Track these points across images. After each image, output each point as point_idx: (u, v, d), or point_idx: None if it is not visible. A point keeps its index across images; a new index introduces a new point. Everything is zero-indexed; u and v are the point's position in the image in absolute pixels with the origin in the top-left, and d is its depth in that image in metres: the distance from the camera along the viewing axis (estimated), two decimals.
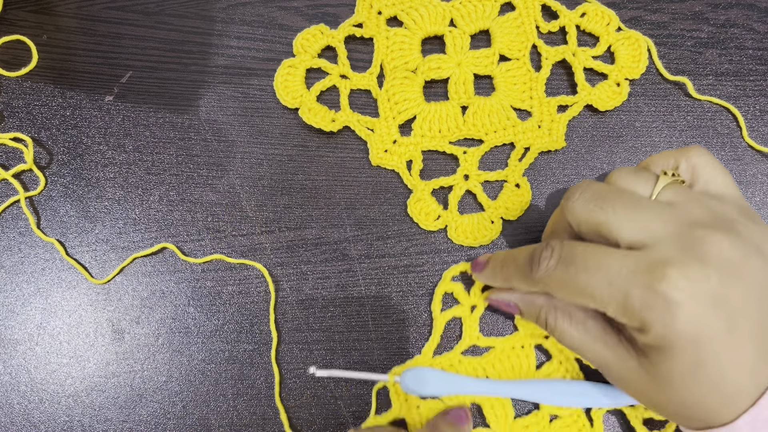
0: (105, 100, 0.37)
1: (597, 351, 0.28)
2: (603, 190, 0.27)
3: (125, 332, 0.35)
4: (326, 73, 0.37)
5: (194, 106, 0.37)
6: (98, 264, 0.36)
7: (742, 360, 0.24)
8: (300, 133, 0.37)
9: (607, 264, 0.25)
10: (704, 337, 0.24)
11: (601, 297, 0.25)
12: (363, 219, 0.36)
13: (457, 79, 0.36)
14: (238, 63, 0.37)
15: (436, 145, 0.36)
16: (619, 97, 0.36)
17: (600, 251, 0.26)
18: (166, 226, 0.36)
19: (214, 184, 0.36)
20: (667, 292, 0.23)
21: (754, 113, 0.37)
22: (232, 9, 0.38)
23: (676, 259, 0.24)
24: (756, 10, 0.38)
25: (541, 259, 0.27)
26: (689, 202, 0.26)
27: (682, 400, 0.25)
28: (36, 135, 0.37)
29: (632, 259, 0.25)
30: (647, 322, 0.24)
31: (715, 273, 0.24)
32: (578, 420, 0.33)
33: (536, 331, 0.34)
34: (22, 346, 0.35)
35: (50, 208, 0.36)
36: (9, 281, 0.35)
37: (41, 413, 0.34)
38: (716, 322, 0.24)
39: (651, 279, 0.24)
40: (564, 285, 0.26)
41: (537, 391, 0.32)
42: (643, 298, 0.24)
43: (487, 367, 0.34)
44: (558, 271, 0.26)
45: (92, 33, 0.38)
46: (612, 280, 0.25)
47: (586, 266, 0.26)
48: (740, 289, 0.24)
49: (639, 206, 0.26)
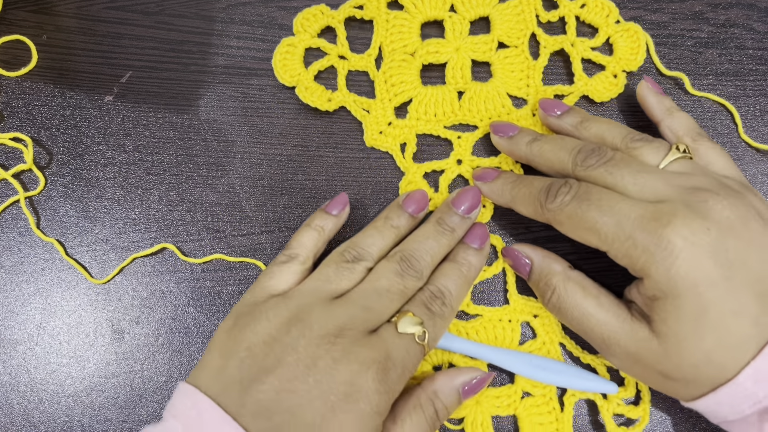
0: (105, 100, 0.37)
1: (608, 323, 0.28)
2: (615, 157, 0.29)
3: (125, 332, 0.35)
4: (325, 53, 0.37)
5: (194, 106, 0.37)
6: (98, 264, 0.36)
7: (743, 309, 0.25)
8: (300, 133, 0.37)
9: (618, 207, 0.27)
10: (703, 282, 0.25)
11: (606, 235, 0.27)
12: (363, 219, 0.36)
13: (455, 64, 0.36)
14: (238, 63, 0.37)
15: (431, 128, 0.36)
16: (615, 88, 0.36)
17: (614, 195, 0.28)
18: (166, 226, 0.36)
19: (214, 184, 0.36)
20: (670, 238, 0.25)
21: (754, 113, 0.37)
22: (232, 9, 0.38)
23: (680, 213, 0.26)
24: (756, 10, 0.38)
25: (558, 192, 0.29)
26: (695, 172, 0.29)
27: (692, 360, 0.26)
28: (36, 135, 0.37)
29: (642, 206, 0.27)
30: (648, 265, 0.26)
31: (715, 227, 0.26)
32: (550, 402, 0.33)
33: (526, 309, 0.34)
34: (21, 346, 0.35)
35: (50, 208, 0.36)
36: (9, 281, 0.35)
37: (41, 413, 0.34)
38: (714, 270, 0.25)
39: (656, 225, 0.26)
40: (573, 219, 0.28)
41: (514, 361, 0.33)
42: (647, 242, 0.26)
43: (470, 333, 0.34)
44: (571, 206, 0.28)
45: (92, 33, 0.38)
46: (620, 222, 0.27)
47: (599, 205, 0.28)
48: (739, 245, 0.26)
49: (645, 172, 0.28)
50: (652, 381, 0.29)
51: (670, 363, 0.27)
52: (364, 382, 0.26)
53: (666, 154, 0.30)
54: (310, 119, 0.37)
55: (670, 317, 0.26)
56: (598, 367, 0.33)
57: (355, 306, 0.28)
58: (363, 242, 0.31)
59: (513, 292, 0.34)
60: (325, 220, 0.33)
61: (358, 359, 0.26)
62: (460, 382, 0.31)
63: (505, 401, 0.33)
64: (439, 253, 0.31)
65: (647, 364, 0.28)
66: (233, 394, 0.26)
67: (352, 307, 0.28)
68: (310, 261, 0.32)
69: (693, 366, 0.26)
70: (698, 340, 0.26)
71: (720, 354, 0.26)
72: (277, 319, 0.28)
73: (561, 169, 0.31)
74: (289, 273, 0.31)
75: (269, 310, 0.28)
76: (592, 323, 0.29)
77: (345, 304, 0.28)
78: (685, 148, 0.30)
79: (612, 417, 0.33)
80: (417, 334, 0.28)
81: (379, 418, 0.26)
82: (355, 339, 0.27)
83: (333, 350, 0.26)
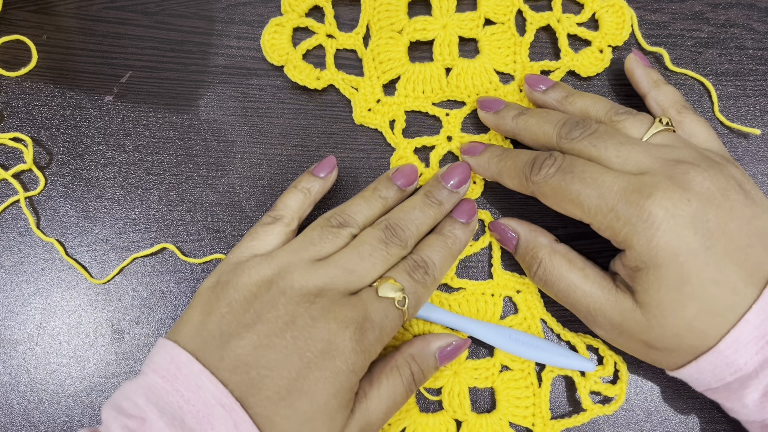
0: (105, 100, 0.37)
1: (593, 294, 0.29)
2: (599, 129, 0.30)
3: (125, 332, 0.35)
4: (313, 32, 0.37)
5: (194, 106, 0.37)
6: (98, 264, 0.36)
7: (723, 278, 0.26)
8: (300, 133, 0.37)
9: (601, 179, 0.28)
10: (683, 252, 0.26)
11: (589, 207, 0.28)
12: None
13: (442, 41, 0.36)
14: (238, 63, 0.37)
15: (420, 105, 0.36)
16: (601, 63, 0.37)
17: (597, 168, 0.28)
18: (166, 226, 0.36)
19: (214, 184, 0.36)
20: (651, 209, 0.26)
21: (754, 113, 0.37)
22: (232, 9, 0.38)
23: (662, 184, 0.27)
24: (756, 10, 0.38)
25: (543, 165, 0.30)
26: (677, 145, 0.29)
27: (675, 329, 0.27)
28: (36, 135, 0.37)
29: (624, 179, 0.27)
30: (630, 237, 0.27)
31: (696, 198, 0.26)
32: (528, 377, 0.33)
33: (509, 284, 0.34)
34: (22, 346, 0.35)
35: (50, 208, 0.36)
36: (9, 281, 0.35)
37: (41, 413, 0.34)
38: (694, 240, 0.26)
39: (638, 197, 0.26)
40: (557, 192, 0.29)
41: (494, 335, 0.33)
42: (629, 214, 0.27)
43: (453, 305, 0.34)
44: (555, 179, 0.29)
45: (92, 33, 0.38)
46: (603, 194, 0.27)
47: (582, 177, 0.28)
48: (719, 216, 0.26)
49: (628, 144, 0.29)
50: (637, 351, 0.29)
51: (654, 332, 0.27)
52: (341, 340, 0.26)
53: (649, 127, 0.30)
54: (310, 119, 0.37)
55: (652, 287, 0.27)
56: (578, 344, 0.34)
57: (337, 268, 0.28)
58: (349, 209, 0.31)
59: (497, 267, 0.35)
60: (311, 182, 0.33)
61: (336, 318, 0.27)
62: (437, 347, 0.31)
63: (484, 374, 0.33)
64: (425, 225, 0.31)
65: (632, 335, 0.28)
66: (212, 348, 0.26)
67: (334, 269, 0.28)
68: (295, 223, 0.32)
69: (675, 335, 0.27)
70: (680, 308, 0.26)
71: (701, 322, 0.26)
72: (258, 277, 0.28)
73: (546, 142, 0.31)
74: (273, 234, 0.31)
75: (251, 268, 0.28)
76: (578, 295, 0.29)
77: (327, 266, 0.28)
78: (668, 120, 0.30)
79: (589, 394, 0.33)
80: (397, 299, 0.28)
81: (355, 377, 0.27)
82: (334, 299, 0.27)
83: (312, 309, 0.27)
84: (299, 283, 0.28)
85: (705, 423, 0.34)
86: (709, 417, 0.34)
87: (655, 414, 0.34)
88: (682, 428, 0.34)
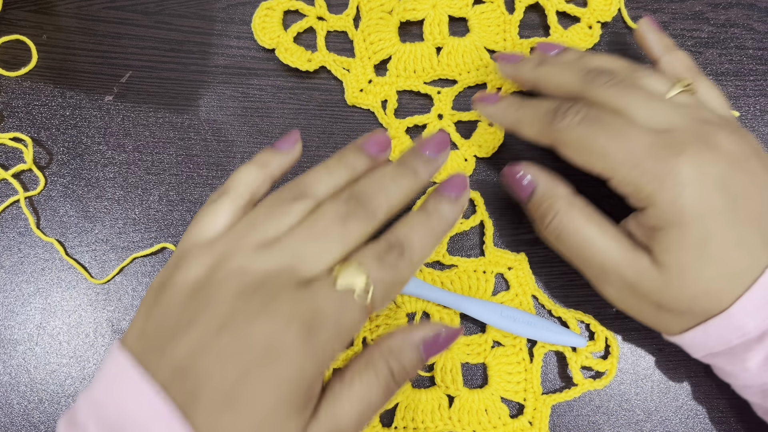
0: (105, 100, 0.37)
1: (610, 250, 0.28)
2: (627, 79, 0.29)
3: (125, 332, 0.35)
4: (303, 15, 0.37)
5: (194, 106, 0.37)
6: (98, 264, 0.36)
7: (745, 241, 0.26)
8: (300, 133, 0.37)
9: (628, 133, 0.27)
10: (709, 212, 0.25)
11: (614, 161, 0.27)
12: None
13: (432, 20, 0.37)
14: (238, 63, 0.37)
15: (411, 85, 0.37)
16: (590, 39, 0.37)
17: (625, 121, 0.27)
18: (166, 226, 0.36)
19: (214, 184, 0.36)
20: (681, 168, 0.25)
21: (754, 113, 0.37)
22: (232, 9, 0.38)
23: (691, 143, 0.26)
24: (756, 10, 0.38)
25: (567, 113, 0.28)
26: (699, 106, 0.29)
27: (692, 291, 0.26)
28: (36, 135, 0.37)
29: (653, 135, 0.26)
30: (655, 194, 0.26)
31: (723, 160, 0.26)
32: (519, 353, 0.34)
33: (501, 261, 0.35)
34: (22, 346, 0.35)
35: (50, 208, 0.36)
36: (9, 281, 0.35)
37: (41, 413, 0.34)
38: (721, 201, 0.25)
39: (666, 154, 0.26)
40: (580, 142, 0.28)
41: (486, 311, 0.33)
42: (656, 171, 0.26)
43: (445, 282, 0.34)
44: (580, 128, 0.28)
45: (92, 33, 0.38)
46: (629, 148, 0.26)
47: (609, 129, 0.27)
48: (743, 179, 0.26)
49: (656, 99, 0.28)
50: (644, 313, 0.29)
51: (669, 294, 0.27)
52: (284, 340, 0.23)
53: (673, 85, 0.29)
54: (310, 119, 0.37)
55: (673, 246, 0.26)
56: (569, 320, 0.34)
57: (283, 253, 0.24)
58: (307, 179, 0.27)
59: (489, 244, 0.35)
60: (269, 156, 0.28)
61: (279, 315, 0.23)
62: (420, 338, 0.26)
63: (476, 350, 0.34)
64: (397, 197, 0.27)
65: (643, 295, 0.27)
66: (153, 353, 0.23)
67: (279, 255, 0.24)
68: (244, 198, 0.27)
69: (691, 297, 0.26)
70: (700, 270, 0.26)
71: (719, 285, 0.26)
72: (195, 272, 0.24)
73: (569, 89, 0.30)
74: (217, 214, 0.26)
75: (190, 261, 0.25)
76: (593, 250, 0.28)
77: (271, 251, 0.24)
78: (689, 82, 0.29)
79: (580, 369, 0.33)
80: (357, 290, 0.24)
81: (305, 382, 0.23)
82: (278, 292, 0.23)
83: (251, 304, 0.23)
84: (238, 275, 0.24)
85: (705, 423, 0.34)
86: (709, 416, 0.34)
87: (655, 414, 0.34)
88: (682, 428, 0.34)
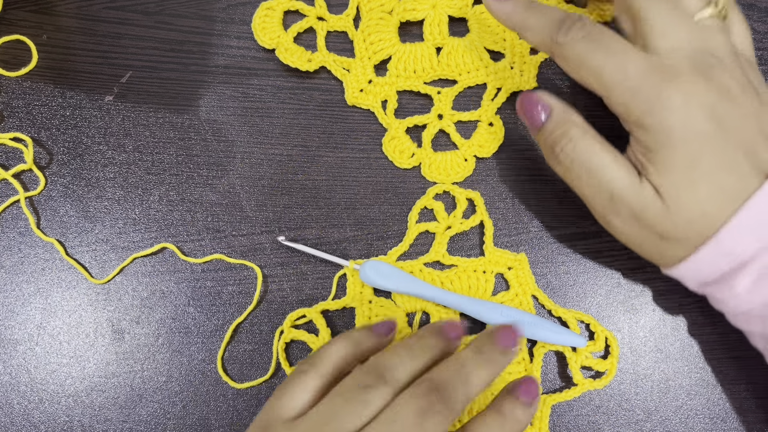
0: (105, 100, 0.37)
1: (621, 179, 0.28)
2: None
3: (125, 332, 0.35)
4: (304, 15, 0.37)
5: (194, 106, 0.37)
6: (98, 264, 0.36)
7: (734, 165, 0.27)
8: (300, 133, 0.37)
9: (626, 55, 0.28)
10: (696, 136, 0.27)
11: (610, 79, 0.28)
12: (363, 219, 0.36)
13: (432, 20, 0.37)
14: (238, 63, 0.37)
15: (411, 85, 0.37)
16: None
17: (626, 43, 0.28)
18: (166, 226, 0.36)
19: (214, 184, 0.36)
20: (671, 93, 0.27)
21: None
22: (232, 9, 0.38)
23: (688, 71, 0.27)
24: (756, 10, 0.38)
25: (572, 27, 0.29)
26: (718, 32, 0.29)
27: (689, 215, 0.27)
28: (36, 135, 0.37)
29: (651, 59, 0.27)
30: (644, 116, 0.27)
31: (715, 91, 0.27)
32: (519, 353, 0.34)
33: (501, 261, 0.35)
34: (22, 346, 0.35)
35: (50, 208, 0.36)
36: (9, 281, 0.35)
37: (41, 413, 0.34)
38: (708, 127, 0.27)
39: (659, 79, 0.27)
40: (580, 57, 0.28)
41: (486, 311, 0.33)
42: (647, 94, 0.27)
43: (444, 282, 0.35)
44: (581, 44, 0.28)
45: (92, 33, 0.38)
46: (625, 69, 0.27)
47: (608, 49, 0.28)
48: (734, 110, 0.27)
49: (680, 16, 0.28)
50: (647, 244, 0.29)
51: (670, 221, 0.27)
52: None
53: (706, 6, 0.29)
54: (310, 119, 0.37)
55: (663, 167, 0.27)
56: (569, 320, 0.34)
57: None
58: (388, 362, 0.27)
59: (489, 244, 0.35)
60: (365, 337, 0.29)
61: None
62: None
63: None
64: (477, 388, 0.27)
65: (647, 224, 0.28)
66: None
67: None
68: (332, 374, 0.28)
69: (688, 221, 0.27)
70: (693, 191, 0.27)
71: (711, 206, 0.27)
72: None
73: None
74: (304, 390, 0.27)
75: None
76: (606, 178, 0.28)
77: None
78: (723, 8, 0.29)
79: (580, 369, 0.33)
80: None
81: None
82: None
83: None
84: None
85: (705, 423, 0.34)
86: (710, 417, 0.34)
87: (655, 414, 0.34)
88: (682, 428, 0.34)
